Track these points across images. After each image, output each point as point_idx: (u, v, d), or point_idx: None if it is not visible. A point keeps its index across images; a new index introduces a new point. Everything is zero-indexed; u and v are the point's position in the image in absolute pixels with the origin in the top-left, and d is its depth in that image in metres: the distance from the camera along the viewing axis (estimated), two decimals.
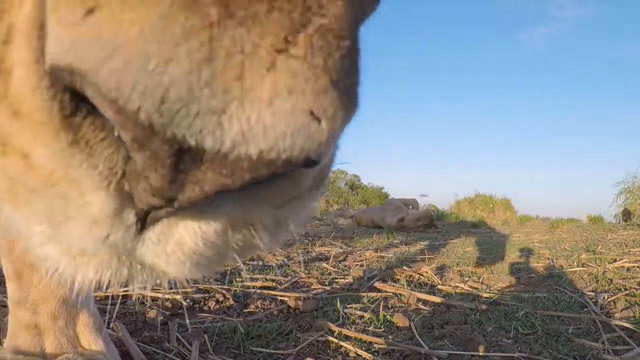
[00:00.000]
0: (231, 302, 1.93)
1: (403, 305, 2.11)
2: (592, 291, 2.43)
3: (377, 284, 2.42)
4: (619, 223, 9.01)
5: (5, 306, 1.14)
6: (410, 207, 7.57)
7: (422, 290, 2.40)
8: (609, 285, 2.57)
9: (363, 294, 2.20)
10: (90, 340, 0.96)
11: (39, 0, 0.21)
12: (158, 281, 0.28)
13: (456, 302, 2.15)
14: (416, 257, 3.62)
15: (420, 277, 2.70)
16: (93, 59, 0.19)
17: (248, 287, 2.16)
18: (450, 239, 5.44)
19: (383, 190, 15.53)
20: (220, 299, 1.94)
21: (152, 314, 1.65)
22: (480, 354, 1.51)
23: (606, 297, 2.26)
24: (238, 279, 2.30)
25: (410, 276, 2.69)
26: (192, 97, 0.19)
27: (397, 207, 7.24)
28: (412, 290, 2.32)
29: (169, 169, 0.20)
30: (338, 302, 1.93)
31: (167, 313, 1.68)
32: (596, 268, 3.01)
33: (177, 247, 0.25)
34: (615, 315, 2.02)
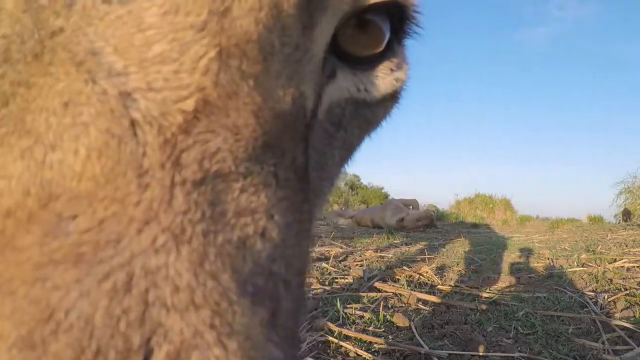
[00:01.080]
0: None
1: (403, 305, 2.11)
2: (592, 291, 2.43)
3: (377, 284, 2.42)
4: (619, 223, 9.02)
5: None
6: (411, 207, 7.57)
7: (422, 290, 2.40)
8: (609, 285, 2.57)
9: (363, 294, 2.20)
10: None
11: None
12: None
13: (456, 302, 2.15)
14: (416, 257, 3.62)
15: (420, 277, 2.70)
16: None
17: None
18: (450, 239, 5.44)
19: (383, 191, 15.52)
20: None
21: None
22: (480, 354, 1.51)
23: (606, 297, 2.26)
24: None
25: (410, 276, 2.69)
26: None
27: (397, 207, 7.26)
28: (412, 290, 2.32)
29: None
30: (338, 302, 1.93)
31: None
32: (596, 268, 3.01)
33: None
34: (615, 315, 2.02)
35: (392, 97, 0.33)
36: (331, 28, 0.26)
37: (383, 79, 0.31)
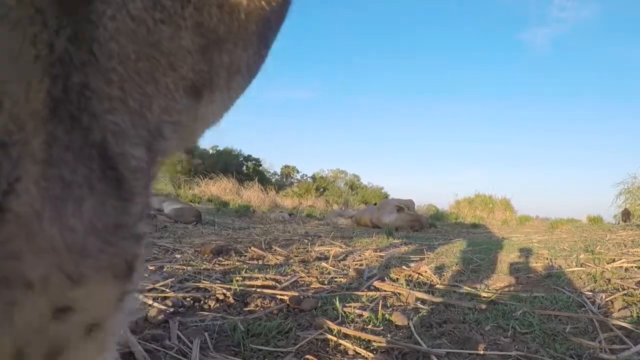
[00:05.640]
0: (231, 300, 1.94)
1: (402, 304, 2.13)
2: (590, 291, 2.44)
3: (376, 283, 2.43)
4: (618, 224, 9.04)
5: None
6: (407, 207, 7.63)
7: (421, 289, 2.41)
8: (607, 285, 2.58)
9: (362, 293, 2.22)
10: None
11: None
12: None
13: (455, 301, 2.16)
14: (415, 257, 3.63)
15: (419, 276, 2.71)
16: None
17: (248, 286, 2.18)
18: (450, 239, 5.46)
19: (383, 191, 15.55)
20: (221, 298, 1.96)
21: (153, 312, 1.66)
22: (478, 352, 1.53)
23: (604, 296, 2.28)
24: (238, 278, 2.32)
25: (409, 275, 2.70)
26: None
27: (394, 207, 7.35)
28: (411, 289, 2.34)
29: None
30: (337, 301, 1.94)
31: (168, 311, 1.70)
32: (594, 268, 3.02)
33: None
34: (613, 314, 2.03)
35: None
36: None
37: None
